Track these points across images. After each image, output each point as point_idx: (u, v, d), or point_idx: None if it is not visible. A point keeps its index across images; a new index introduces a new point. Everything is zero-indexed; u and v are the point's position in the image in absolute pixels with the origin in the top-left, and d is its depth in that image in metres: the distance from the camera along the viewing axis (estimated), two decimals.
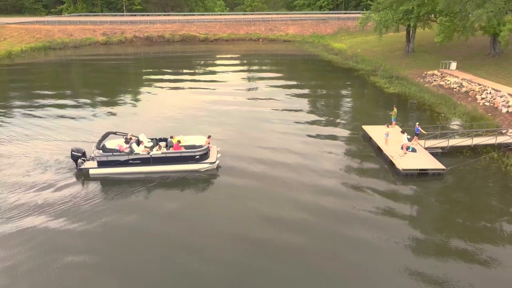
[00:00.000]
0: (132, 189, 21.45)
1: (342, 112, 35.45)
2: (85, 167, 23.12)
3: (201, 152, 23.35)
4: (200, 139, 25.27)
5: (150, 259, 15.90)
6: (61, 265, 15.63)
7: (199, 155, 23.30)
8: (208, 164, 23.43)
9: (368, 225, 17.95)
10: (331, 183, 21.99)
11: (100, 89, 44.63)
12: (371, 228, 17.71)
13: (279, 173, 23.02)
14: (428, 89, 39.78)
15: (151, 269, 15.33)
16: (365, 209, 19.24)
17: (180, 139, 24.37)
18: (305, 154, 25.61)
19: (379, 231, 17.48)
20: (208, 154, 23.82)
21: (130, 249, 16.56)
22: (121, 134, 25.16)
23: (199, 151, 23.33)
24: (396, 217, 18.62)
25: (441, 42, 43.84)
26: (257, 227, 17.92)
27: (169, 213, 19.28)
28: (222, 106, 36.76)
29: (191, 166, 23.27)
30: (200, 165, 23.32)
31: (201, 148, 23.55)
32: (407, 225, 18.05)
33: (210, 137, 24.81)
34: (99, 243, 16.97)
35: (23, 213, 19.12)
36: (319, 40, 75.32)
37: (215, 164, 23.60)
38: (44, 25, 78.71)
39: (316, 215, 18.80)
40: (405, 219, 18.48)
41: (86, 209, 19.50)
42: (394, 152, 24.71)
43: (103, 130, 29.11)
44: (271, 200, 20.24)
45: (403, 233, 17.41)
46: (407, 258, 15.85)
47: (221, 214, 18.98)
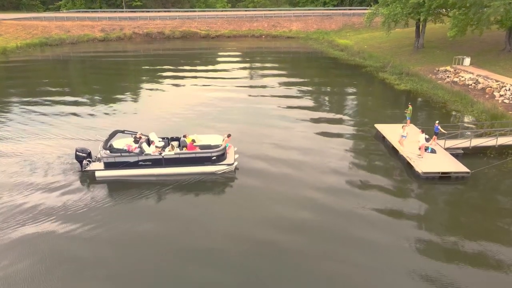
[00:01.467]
0: (142, 193, 19.44)
1: (352, 110, 33.29)
2: (90, 169, 21.06)
3: (218, 152, 21.16)
4: (215, 138, 23.15)
5: (165, 271, 14.00)
6: (65, 276, 13.87)
7: (216, 156, 21.10)
8: (225, 166, 21.28)
9: (390, 230, 15.85)
10: (346, 185, 20.02)
11: (100, 86, 42.47)
12: (397, 234, 15.62)
13: (296, 173, 21.24)
14: (441, 86, 37.58)
15: (166, 283, 13.52)
16: (386, 215, 17.18)
17: (194, 138, 22.23)
18: (315, 153, 23.66)
19: (408, 238, 15.38)
20: (225, 154, 21.64)
21: (141, 260, 14.67)
22: (130, 132, 23.03)
23: (216, 152, 21.14)
24: (422, 226, 16.51)
25: (454, 36, 41.64)
26: (282, 235, 15.97)
27: (183, 220, 17.25)
28: (225, 103, 34.80)
29: (207, 168, 21.13)
30: (217, 167, 21.19)
31: (218, 148, 21.36)
32: (437, 233, 15.93)
33: (230, 136, 22.55)
34: (107, 253, 15.12)
35: (22, 220, 17.20)
36: (323, 36, 73.09)
37: (233, 166, 21.47)
38: (41, 21, 76.67)
39: (340, 219, 16.81)
40: (432, 228, 16.35)
41: (92, 215, 17.55)
42: (411, 153, 22.57)
43: (107, 127, 27.38)
44: (294, 203, 18.31)
45: (433, 245, 15.33)
46: (433, 268, 13.75)
47: (241, 221, 17.01)
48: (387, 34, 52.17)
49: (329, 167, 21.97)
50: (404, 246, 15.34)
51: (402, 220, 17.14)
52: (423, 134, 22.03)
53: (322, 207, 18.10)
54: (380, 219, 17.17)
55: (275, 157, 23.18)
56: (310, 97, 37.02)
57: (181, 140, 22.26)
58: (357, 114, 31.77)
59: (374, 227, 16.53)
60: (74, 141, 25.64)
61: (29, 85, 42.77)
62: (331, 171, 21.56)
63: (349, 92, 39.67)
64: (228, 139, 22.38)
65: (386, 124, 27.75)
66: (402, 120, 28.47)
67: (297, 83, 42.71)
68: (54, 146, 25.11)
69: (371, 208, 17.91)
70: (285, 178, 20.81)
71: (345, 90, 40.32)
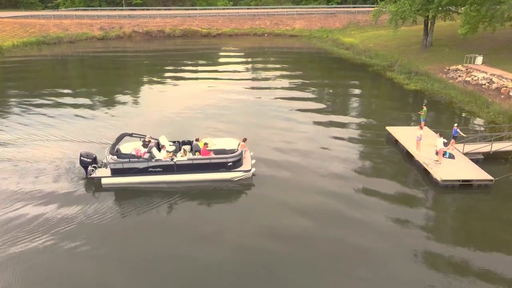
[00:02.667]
0: (153, 202, 17.84)
1: (360, 111, 31.59)
2: (96, 176, 19.41)
3: (234, 158, 19.52)
4: (230, 142, 21.56)
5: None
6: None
7: (232, 162, 19.44)
8: (242, 173, 19.61)
9: (407, 243, 14.19)
10: (357, 194, 18.39)
11: (101, 86, 40.69)
12: (415, 248, 13.97)
13: (310, 180, 19.71)
14: (453, 86, 35.83)
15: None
16: (403, 226, 15.53)
17: (207, 142, 20.56)
18: (322, 158, 21.95)
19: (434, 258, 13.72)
20: (241, 160, 19.95)
21: (152, 278, 13.19)
22: (138, 136, 21.41)
23: (232, 157, 19.50)
24: (444, 239, 14.82)
25: (466, 34, 39.98)
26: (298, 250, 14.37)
27: (199, 234, 15.61)
28: (227, 103, 33.20)
29: (222, 175, 19.50)
30: (233, 174, 19.53)
31: (234, 154, 19.72)
32: (464, 248, 14.26)
33: (246, 140, 20.91)
34: (114, 270, 13.63)
35: (17, 235, 15.58)
36: (327, 34, 71.31)
37: (251, 173, 19.78)
38: (38, 19, 75.09)
39: (351, 230, 15.10)
40: (457, 241, 14.69)
41: (97, 227, 16.02)
42: (428, 158, 20.88)
43: (111, 129, 25.88)
44: (309, 212, 16.70)
45: (461, 262, 13.67)
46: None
47: (263, 238, 15.35)
48: (395, 32, 50.46)
49: (338, 174, 20.35)
50: (426, 262, 13.72)
51: (420, 232, 15.46)
52: (441, 138, 20.32)
53: (334, 216, 16.47)
54: (395, 230, 15.54)
55: (287, 161, 21.62)
56: (315, 98, 35.33)
57: (193, 144, 20.60)
58: (365, 115, 30.03)
59: (388, 239, 14.90)
60: (78, 144, 24.11)
61: (27, 87, 41.07)
62: (341, 178, 19.92)
63: (356, 93, 37.95)
64: (244, 143, 20.73)
65: (398, 126, 26.12)
66: (411, 122, 26.87)
67: (302, 83, 41.01)
68: (56, 149, 23.51)
69: (386, 218, 16.27)
70: (300, 184, 19.32)
71: (352, 90, 38.61)
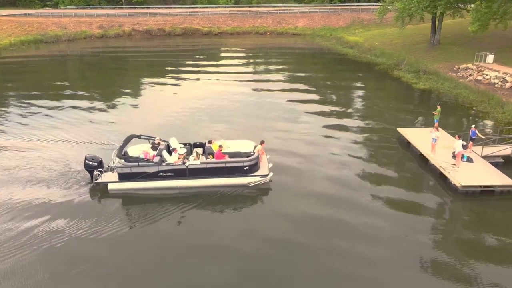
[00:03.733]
0: (164, 210, 16.45)
1: (367, 111, 30.10)
2: (102, 181, 17.98)
3: (251, 162, 18.17)
4: (245, 144, 20.16)
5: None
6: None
7: (249, 166, 18.07)
8: (259, 177, 18.24)
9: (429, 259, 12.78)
10: (369, 201, 16.88)
11: (100, 86, 38.95)
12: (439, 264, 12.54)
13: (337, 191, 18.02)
14: (464, 85, 34.35)
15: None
16: (424, 239, 14.08)
17: (221, 144, 19.16)
18: (333, 162, 20.52)
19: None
20: (258, 164, 18.56)
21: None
22: (147, 137, 19.98)
23: (249, 161, 18.12)
24: (476, 256, 13.37)
25: (476, 31, 38.47)
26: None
27: (216, 246, 14.13)
28: (228, 103, 31.77)
29: (239, 180, 18.16)
30: (249, 178, 18.17)
31: (251, 157, 18.34)
32: (499, 265, 12.81)
33: (264, 143, 19.49)
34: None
35: (13, 249, 14.06)
36: (331, 33, 69.77)
37: (268, 177, 18.38)
38: (36, 17, 73.68)
39: (364, 243, 13.65)
40: (489, 257, 13.23)
41: (103, 239, 14.56)
42: (445, 162, 19.43)
43: (114, 131, 24.65)
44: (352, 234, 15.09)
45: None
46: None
47: (285, 249, 13.94)
48: (401, 29, 49.03)
49: (347, 180, 18.90)
50: (444, 276, 12.26)
51: (439, 243, 14.01)
52: (460, 140, 18.85)
53: (343, 228, 15.03)
54: (415, 245, 14.07)
55: (292, 166, 20.22)
56: (320, 99, 33.86)
57: (206, 147, 19.19)
58: (373, 117, 28.54)
59: (404, 251, 13.44)
60: (82, 146, 22.78)
61: (24, 86, 39.79)
62: (349, 184, 18.49)
63: (363, 93, 36.46)
64: (262, 146, 19.30)
65: (410, 128, 24.69)
66: (423, 123, 25.42)
67: (306, 83, 39.55)
68: (58, 152, 22.14)
69: (402, 227, 14.83)
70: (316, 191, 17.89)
71: (358, 90, 37.13)
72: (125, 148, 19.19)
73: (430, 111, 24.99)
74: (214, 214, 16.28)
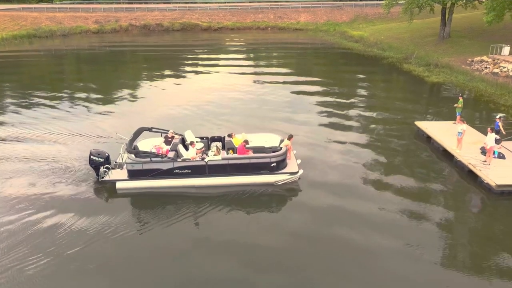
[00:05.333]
0: (180, 212, 14.40)
1: (380, 105, 27.90)
2: (109, 179, 16.03)
3: (278, 157, 16.12)
4: (269, 138, 18.10)
5: None
6: None
7: (276, 162, 16.03)
8: (287, 175, 16.26)
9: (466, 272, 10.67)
10: (390, 205, 14.68)
11: (98, 82, 36.28)
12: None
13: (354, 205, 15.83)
14: (480, 78, 32.24)
15: None
16: (459, 250, 11.97)
17: (246, 139, 17.03)
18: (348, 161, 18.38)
19: None
20: (286, 160, 16.57)
21: None
22: (159, 131, 17.94)
23: (276, 157, 16.07)
24: None
25: (491, 22, 36.37)
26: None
27: (241, 257, 12.11)
28: (227, 100, 29.75)
29: (264, 178, 16.14)
30: (277, 176, 16.17)
31: (278, 153, 16.24)
32: None
33: (292, 137, 17.38)
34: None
35: (15, 254, 12.15)
36: (334, 28, 67.57)
37: (298, 175, 16.32)
38: (31, 12, 71.52)
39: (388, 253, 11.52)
40: None
41: (111, 248, 12.49)
42: (473, 158, 17.30)
43: (115, 125, 22.73)
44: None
45: None
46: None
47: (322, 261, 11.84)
48: (409, 22, 47.00)
49: (366, 180, 16.80)
50: None
51: (489, 256, 11.88)
52: (493, 134, 16.72)
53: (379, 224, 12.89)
54: (449, 256, 11.95)
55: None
56: (330, 93, 31.70)
57: (226, 141, 17.06)
58: (386, 110, 26.38)
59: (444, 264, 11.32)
60: (86, 140, 20.93)
61: (20, 82, 37.59)
62: (367, 186, 16.38)
63: (372, 87, 34.26)
64: (290, 140, 17.19)
65: (430, 121, 22.58)
66: (442, 117, 23.27)
67: (310, 77, 37.46)
68: (60, 147, 20.19)
69: (436, 239, 12.69)
70: (350, 191, 15.79)
71: (367, 84, 34.90)
72: (135, 142, 17.08)
73: (448, 104, 22.92)
74: (238, 216, 14.15)
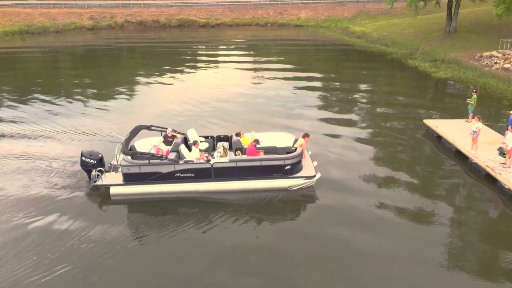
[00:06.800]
0: (182, 222, 12.60)
1: (386, 102, 26.05)
2: (103, 184, 14.25)
3: (293, 159, 14.26)
4: (282, 137, 16.18)
5: None
6: None
7: (290, 165, 14.15)
8: (303, 179, 14.32)
9: None
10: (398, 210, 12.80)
11: (94, 79, 34.40)
12: None
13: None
14: (491, 74, 30.35)
15: None
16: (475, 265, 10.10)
17: (257, 138, 15.11)
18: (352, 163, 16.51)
19: None
20: (301, 162, 14.68)
21: None
22: (159, 129, 16.09)
23: (291, 158, 14.20)
24: None
25: (501, 15, 34.54)
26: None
27: (250, 272, 10.46)
28: (226, 98, 27.99)
29: (277, 183, 14.31)
30: (291, 181, 14.31)
31: (293, 154, 14.31)
32: None
33: (308, 136, 15.34)
34: None
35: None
36: (336, 24, 65.59)
37: (315, 179, 14.37)
38: (24, 8, 69.65)
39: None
40: None
41: (102, 265, 10.77)
42: (491, 160, 15.41)
43: (110, 123, 21.19)
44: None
45: None
46: None
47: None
48: (414, 17, 45.07)
49: (371, 184, 14.95)
50: None
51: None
52: (511, 133, 14.82)
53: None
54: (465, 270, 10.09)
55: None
56: (333, 91, 29.88)
57: (233, 141, 15.25)
58: (395, 106, 24.56)
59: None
60: (78, 139, 19.34)
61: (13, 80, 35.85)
62: (374, 190, 14.54)
63: (379, 82, 32.39)
64: (306, 140, 15.20)
65: (439, 119, 20.69)
66: (452, 114, 21.39)
67: (315, 75, 35.57)
68: (51, 146, 18.54)
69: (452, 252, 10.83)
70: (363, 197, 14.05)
71: (374, 79, 33.02)
72: (132, 142, 15.30)
73: (459, 100, 21.04)
74: (249, 227, 12.39)
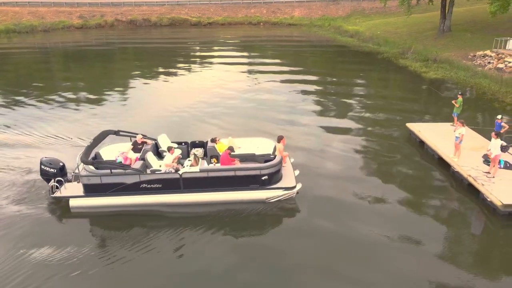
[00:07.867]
0: (148, 238, 11.42)
1: (372, 104, 24.73)
2: (61, 196, 12.92)
3: (271, 169, 12.82)
4: (261, 143, 14.80)
5: None
6: None
7: (268, 175, 12.76)
8: (282, 190, 12.93)
9: None
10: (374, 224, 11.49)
11: (84, 81, 33.04)
12: None
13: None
14: (483, 74, 29.01)
15: None
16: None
17: (231, 145, 13.78)
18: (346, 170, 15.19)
19: None
20: (280, 172, 13.27)
21: None
22: (127, 134, 14.72)
23: (268, 168, 12.79)
24: None
25: (495, 12, 33.35)
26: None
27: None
28: (220, 100, 26.71)
29: (253, 194, 12.92)
30: (269, 192, 12.94)
31: (272, 163, 12.92)
32: None
33: (283, 138, 13.74)
34: None
35: None
36: (329, 23, 64.30)
37: (295, 190, 12.98)
38: (12, 7, 68.44)
39: None
40: None
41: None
42: (474, 168, 14.10)
43: (85, 129, 19.95)
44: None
45: None
46: None
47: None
48: (407, 15, 43.92)
49: (347, 193, 13.62)
50: None
51: None
52: (498, 140, 13.49)
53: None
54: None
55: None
56: (321, 92, 28.54)
57: (208, 147, 14.04)
58: (380, 109, 23.23)
59: None
60: (58, 144, 18.23)
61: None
62: (352, 198, 13.19)
63: (364, 82, 31.10)
64: (282, 143, 13.66)
65: (423, 123, 19.38)
66: (438, 117, 20.06)
67: (303, 74, 34.32)
68: (27, 151, 17.40)
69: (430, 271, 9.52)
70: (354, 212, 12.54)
71: (361, 79, 31.71)
72: (98, 148, 14.00)
73: (446, 102, 19.71)
74: (222, 244, 11.16)
